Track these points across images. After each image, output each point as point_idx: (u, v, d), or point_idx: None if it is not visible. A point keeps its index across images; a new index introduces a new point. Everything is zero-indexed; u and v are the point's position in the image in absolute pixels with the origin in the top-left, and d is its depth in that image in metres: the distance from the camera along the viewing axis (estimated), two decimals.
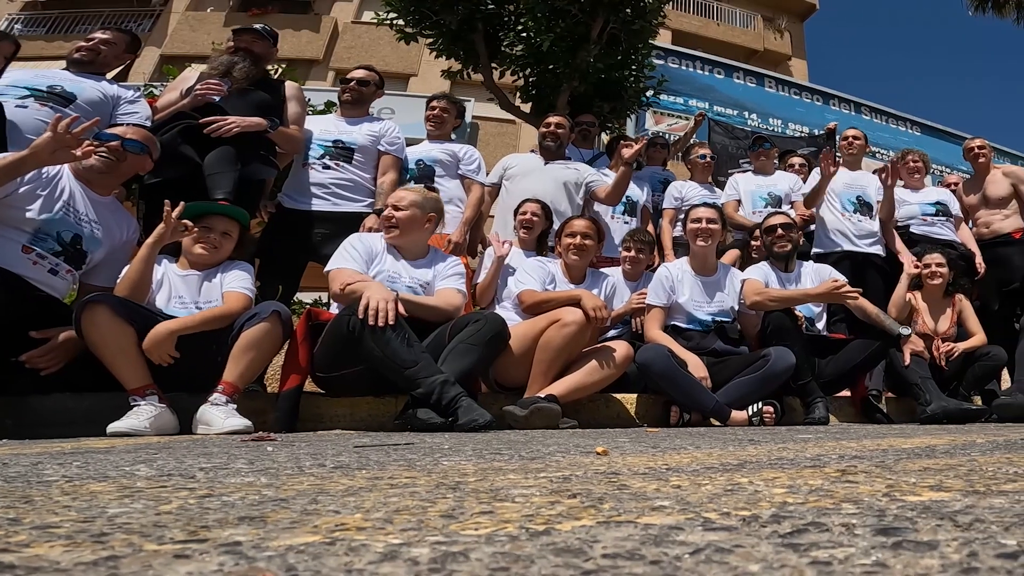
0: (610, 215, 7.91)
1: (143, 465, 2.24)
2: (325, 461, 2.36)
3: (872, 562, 0.87)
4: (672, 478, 1.80)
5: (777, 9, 36.77)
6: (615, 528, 1.12)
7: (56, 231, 4.82)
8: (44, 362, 4.59)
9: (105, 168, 5.02)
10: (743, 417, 5.74)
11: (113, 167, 5.07)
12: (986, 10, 23.99)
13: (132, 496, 1.53)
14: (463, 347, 4.89)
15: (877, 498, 1.41)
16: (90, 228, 4.98)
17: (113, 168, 5.07)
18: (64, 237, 4.85)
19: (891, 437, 3.76)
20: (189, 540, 1.05)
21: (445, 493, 1.55)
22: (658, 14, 12.81)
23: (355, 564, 0.89)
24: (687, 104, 25.84)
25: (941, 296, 7.30)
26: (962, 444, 3.12)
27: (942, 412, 6.22)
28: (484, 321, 5.01)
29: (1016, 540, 0.98)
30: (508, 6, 12.69)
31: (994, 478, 1.72)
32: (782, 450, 2.81)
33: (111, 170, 5.07)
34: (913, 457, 2.39)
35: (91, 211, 5.00)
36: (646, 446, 3.06)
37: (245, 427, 4.45)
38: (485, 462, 2.32)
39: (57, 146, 4.50)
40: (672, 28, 28.74)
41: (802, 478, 1.77)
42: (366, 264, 5.28)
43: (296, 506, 1.38)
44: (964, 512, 1.23)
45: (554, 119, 7.97)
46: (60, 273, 4.88)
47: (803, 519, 1.18)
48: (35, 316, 4.69)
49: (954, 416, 6.25)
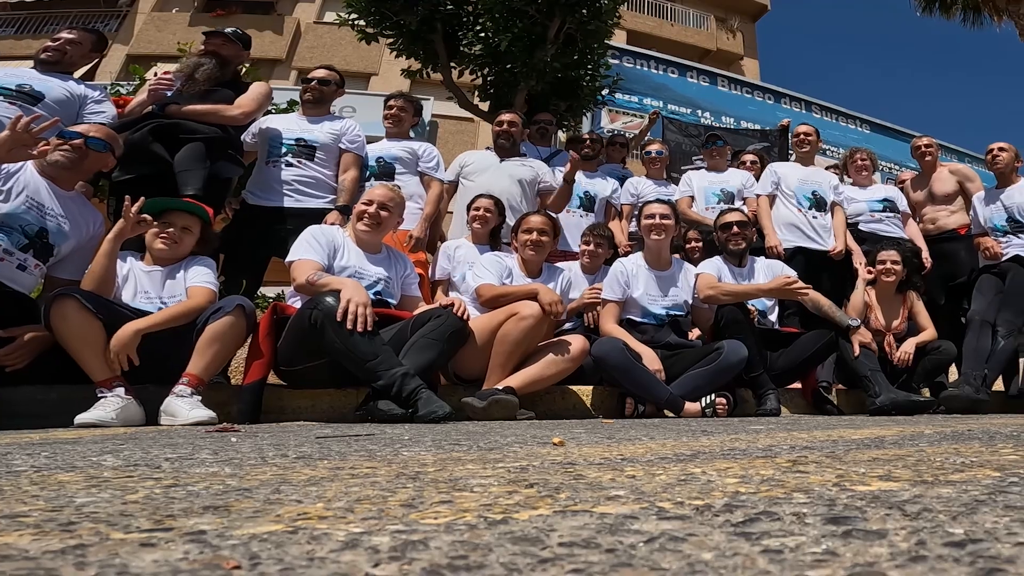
0: (567, 210, 7.90)
1: (110, 455, 2.24)
2: (288, 452, 2.36)
3: (822, 550, 0.88)
4: (627, 468, 1.81)
5: (729, 10, 36.86)
6: (571, 517, 1.12)
7: (20, 224, 4.79)
8: (11, 360, 4.57)
9: (68, 164, 5.00)
10: (696, 409, 5.73)
11: (76, 163, 5.04)
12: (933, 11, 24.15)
13: (99, 486, 1.53)
14: (424, 341, 4.92)
15: (827, 488, 1.41)
16: (56, 222, 4.95)
17: (76, 164, 5.05)
18: (29, 231, 4.83)
19: (841, 428, 3.77)
20: (155, 529, 1.05)
21: (405, 483, 1.55)
22: (613, 15, 12.86)
23: (317, 552, 0.89)
24: (642, 103, 25.92)
25: (893, 293, 7.33)
26: (910, 435, 3.13)
27: (891, 404, 6.23)
28: (445, 316, 5.02)
29: (963, 529, 0.99)
30: (467, 7, 12.74)
31: (941, 468, 1.73)
32: (734, 441, 2.81)
33: (74, 166, 5.05)
34: (862, 448, 2.40)
35: (57, 205, 4.97)
36: (602, 437, 3.07)
37: (209, 418, 4.46)
38: (444, 453, 2.32)
39: (14, 144, 4.53)
40: (627, 28, 28.86)
41: (754, 468, 1.78)
42: (328, 256, 5.28)
43: (259, 496, 1.39)
44: (912, 502, 1.23)
45: (506, 117, 8.02)
46: (28, 268, 4.85)
47: (755, 508, 1.18)
48: (2, 313, 4.67)
49: (903, 407, 6.25)
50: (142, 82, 10.72)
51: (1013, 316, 6.96)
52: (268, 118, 6.97)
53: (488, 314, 5.63)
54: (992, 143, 7.81)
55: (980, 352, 6.90)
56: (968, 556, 0.83)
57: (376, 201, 5.52)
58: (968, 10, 23.13)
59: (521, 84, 12.25)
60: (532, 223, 6.22)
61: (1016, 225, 7.32)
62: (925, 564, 0.80)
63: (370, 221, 5.48)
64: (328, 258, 5.26)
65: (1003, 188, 7.59)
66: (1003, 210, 7.41)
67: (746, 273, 6.82)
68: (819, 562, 0.82)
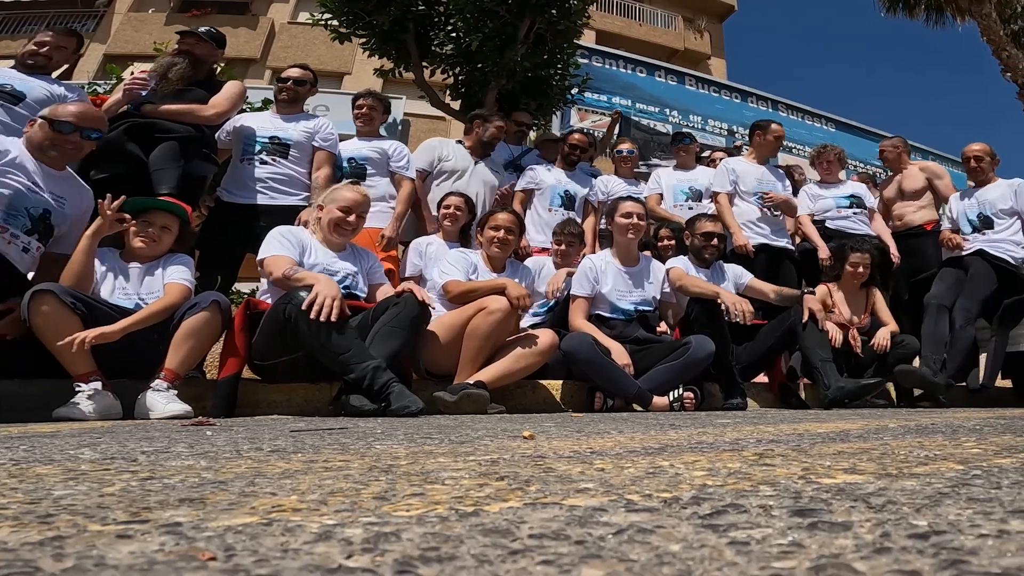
0: (548, 208, 7.97)
1: (87, 449, 2.23)
2: (262, 445, 2.35)
3: (788, 542, 0.88)
4: (596, 461, 1.81)
5: (697, 10, 36.93)
6: (541, 509, 1.12)
7: (25, 207, 4.79)
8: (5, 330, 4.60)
9: (65, 155, 5.01)
10: (664, 403, 5.76)
11: (74, 154, 5.07)
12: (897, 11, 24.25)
13: (77, 478, 1.53)
14: (387, 330, 4.94)
15: (793, 481, 1.42)
16: (57, 201, 4.96)
17: (72, 154, 5.07)
18: (34, 213, 4.83)
19: (807, 422, 3.79)
20: (131, 521, 1.04)
21: (378, 476, 1.55)
22: (582, 15, 12.91)
23: (291, 544, 0.89)
24: (610, 101, 25.92)
25: (858, 288, 7.36)
26: (875, 428, 3.14)
27: (841, 394, 6.20)
28: (403, 303, 5.04)
29: (927, 521, 0.99)
30: (438, 7, 12.75)
31: (906, 461, 1.74)
32: (702, 434, 2.82)
33: (70, 156, 5.06)
34: (828, 441, 2.40)
35: (53, 185, 4.97)
36: (571, 431, 3.07)
37: (185, 412, 4.49)
38: (416, 446, 2.32)
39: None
40: (596, 28, 28.78)
41: (721, 461, 1.78)
42: (299, 254, 5.28)
43: (234, 488, 1.38)
44: (877, 494, 1.24)
45: (496, 124, 8.01)
46: (31, 251, 4.88)
47: (722, 501, 1.18)
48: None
49: (852, 394, 6.25)
50: (119, 81, 10.66)
51: (969, 304, 6.96)
52: (242, 116, 7.00)
53: (457, 310, 5.64)
54: (967, 147, 7.80)
55: (938, 336, 6.93)
56: (932, 548, 0.83)
57: (354, 212, 5.52)
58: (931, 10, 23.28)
59: (492, 83, 12.27)
60: (499, 220, 6.22)
61: (986, 222, 7.33)
62: (889, 556, 0.80)
63: (349, 229, 5.52)
64: (298, 256, 5.26)
65: (979, 187, 7.62)
66: (976, 206, 7.42)
67: (710, 275, 6.83)
68: (785, 554, 0.82)
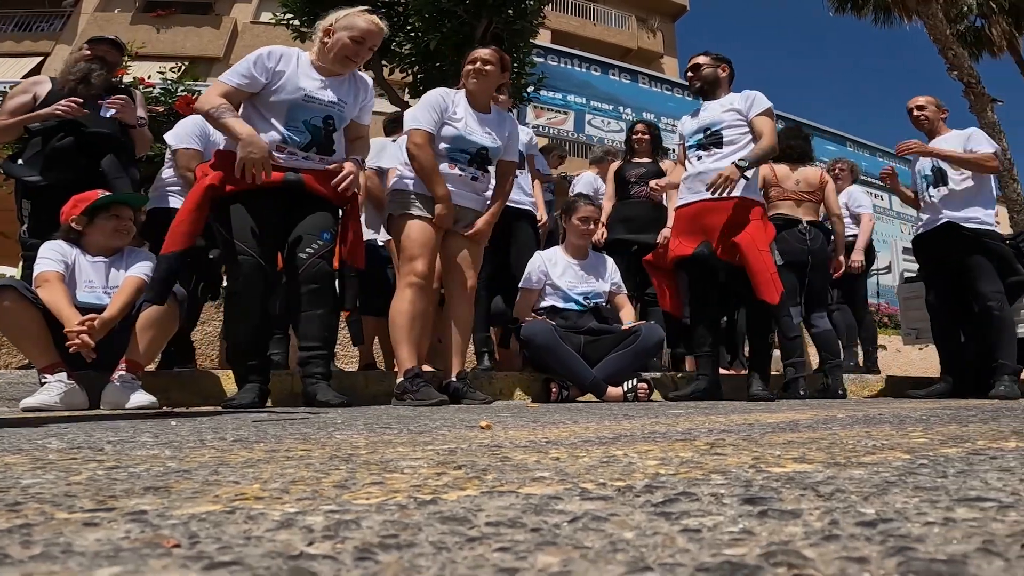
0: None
1: (54, 439, 2.23)
2: (225, 435, 2.35)
3: (739, 530, 0.88)
4: (551, 451, 1.82)
5: (650, 10, 37.05)
6: (498, 497, 1.13)
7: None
8: None
9: None
10: (619, 393, 5.82)
11: None
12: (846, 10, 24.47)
13: (44, 467, 1.53)
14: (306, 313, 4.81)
15: (744, 469, 1.43)
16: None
17: None
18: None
19: (757, 412, 3.81)
20: (98, 509, 1.04)
21: (338, 465, 1.56)
22: (538, 15, 13.05)
23: (254, 531, 0.89)
24: (566, 99, 26.15)
25: None
26: (824, 419, 3.16)
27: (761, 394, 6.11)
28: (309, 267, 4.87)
29: (874, 509, 1.00)
30: (397, 7, 12.81)
31: (854, 451, 1.76)
32: (655, 424, 2.84)
33: None
34: (778, 431, 2.42)
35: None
36: (527, 421, 3.09)
37: (150, 403, 4.49)
38: (376, 435, 2.33)
39: None
40: (551, 28, 28.81)
41: (673, 451, 1.79)
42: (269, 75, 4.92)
43: (198, 477, 1.38)
44: (826, 483, 1.25)
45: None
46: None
47: (674, 489, 1.19)
48: None
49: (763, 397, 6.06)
50: None
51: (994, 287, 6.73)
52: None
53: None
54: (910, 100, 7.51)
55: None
56: (879, 535, 0.84)
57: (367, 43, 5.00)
58: (879, 10, 23.53)
59: (450, 82, 12.20)
60: (479, 54, 5.63)
61: (940, 175, 7.08)
62: (838, 543, 0.80)
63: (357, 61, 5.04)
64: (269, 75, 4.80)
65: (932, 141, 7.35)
66: (930, 160, 7.16)
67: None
68: (736, 541, 0.82)
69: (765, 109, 6.14)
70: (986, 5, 23.78)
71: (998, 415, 3.41)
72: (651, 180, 7.49)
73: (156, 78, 10.75)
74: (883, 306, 19.00)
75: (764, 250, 5.98)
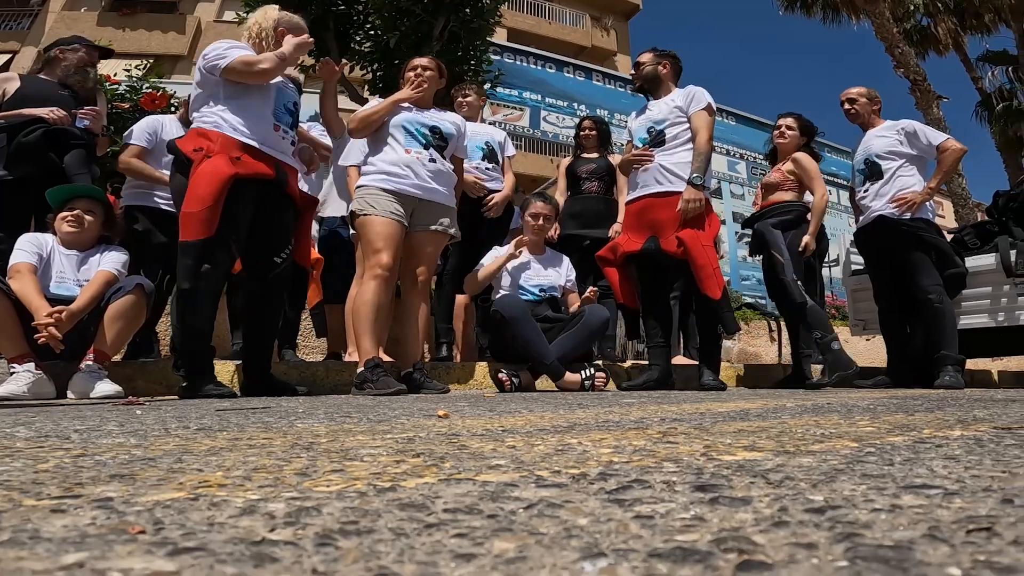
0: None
1: (22, 427, 2.22)
2: (189, 424, 2.35)
3: (691, 516, 0.88)
4: (508, 439, 1.82)
5: (604, 9, 37.29)
6: (455, 485, 1.13)
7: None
8: None
9: None
10: (577, 379, 5.85)
11: None
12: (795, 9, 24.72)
13: (12, 455, 1.52)
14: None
15: (695, 458, 1.43)
16: None
17: None
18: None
19: (708, 402, 3.81)
20: (65, 496, 1.04)
21: (299, 453, 1.55)
22: (494, 13, 13.10)
23: (217, 518, 0.88)
24: (521, 96, 26.22)
25: None
26: (773, 408, 3.18)
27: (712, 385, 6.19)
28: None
29: (823, 496, 1.00)
30: (357, 6, 12.91)
31: (803, 439, 1.76)
32: (608, 413, 2.84)
33: None
34: (728, 420, 2.43)
35: None
36: (484, 410, 3.09)
37: (116, 392, 4.50)
38: (336, 424, 2.33)
39: None
40: (507, 26, 28.85)
41: (627, 439, 1.79)
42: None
43: (163, 465, 1.38)
44: (775, 470, 1.25)
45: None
46: None
47: (628, 477, 1.19)
48: None
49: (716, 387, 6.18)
50: None
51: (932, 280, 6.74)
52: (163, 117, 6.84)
53: None
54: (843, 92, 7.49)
55: None
56: (828, 521, 0.84)
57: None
58: (828, 9, 23.79)
59: None
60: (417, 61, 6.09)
61: (873, 168, 7.08)
62: (787, 529, 0.81)
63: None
64: None
65: (865, 133, 7.34)
66: (863, 152, 7.23)
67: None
68: (688, 527, 0.83)
69: (704, 106, 6.19)
70: (932, 4, 24.12)
71: (943, 404, 3.43)
72: (602, 175, 7.77)
73: (122, 76, 10.67)
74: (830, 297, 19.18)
75: (708, 245, 6.01)
